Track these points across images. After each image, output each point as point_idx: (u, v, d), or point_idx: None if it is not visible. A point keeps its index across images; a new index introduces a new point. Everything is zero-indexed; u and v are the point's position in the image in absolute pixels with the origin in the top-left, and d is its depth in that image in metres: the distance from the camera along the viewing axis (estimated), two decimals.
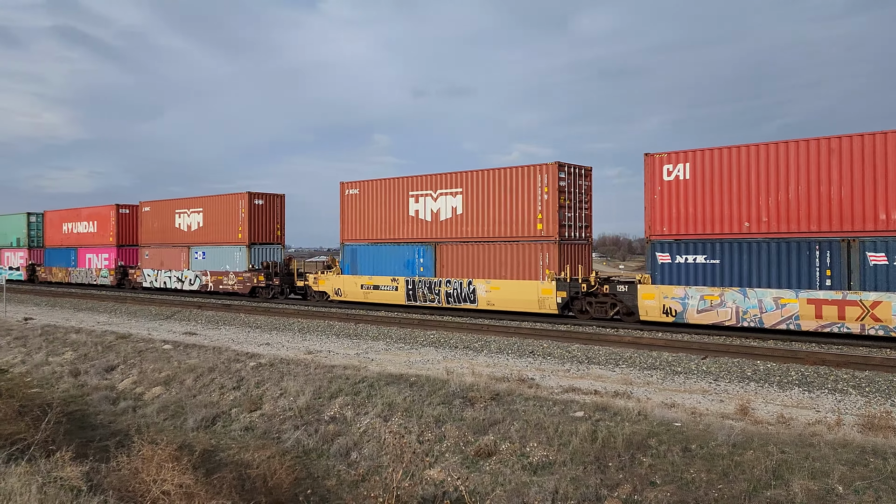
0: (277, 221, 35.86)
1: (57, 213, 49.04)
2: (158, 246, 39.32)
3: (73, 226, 46.92)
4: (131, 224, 43.08)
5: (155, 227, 39.68)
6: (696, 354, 16.33)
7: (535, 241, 23.24)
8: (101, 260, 43.88)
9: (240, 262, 34.57)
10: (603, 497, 8.52)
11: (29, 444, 9.24)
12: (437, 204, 26.26)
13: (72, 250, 46.81)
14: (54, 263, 48.56)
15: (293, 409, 12.92)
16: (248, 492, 9.18)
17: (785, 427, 10.03)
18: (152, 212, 39.97)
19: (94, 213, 45.14)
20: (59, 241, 48.36)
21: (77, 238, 46.30)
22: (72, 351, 19.51)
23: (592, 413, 10.79)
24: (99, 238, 44.08)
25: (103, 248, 43.59)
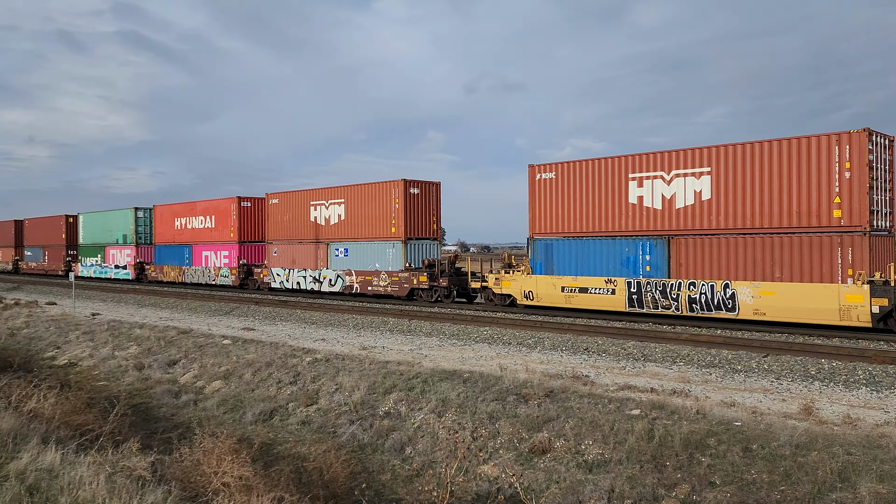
0: (433, 213, 31.11)
1: (168, 207, 45.68)
2: (288, 242, 35.41)
3: (186, 221, 43.35)
4: (255, 218, 39.68)
5: (284, 221, 35.58)
6: (757, 352, 15.92)
7: (828, 233, 18.29)
8: (220, 258, 40.25)
9: (394, 259, 29.80)
10: (660, 497, 8.38)
11: (97, 434, 9.58)
12: (671, 188, 21.42)
13: (185, 247, 43.32)
14: (166, 262, 45.22)
15: (348, 403, 13.08)
16: (305, 485, 9.33)
17: (851, 428, 9.70)
18: (281, 204, 35.89)
19: (211, 207, 41.51)
20: (170, 238, 45.05)
21: (192, 234, 42.89)
22: (136, 345, 20.16)
23: (649, 411, 10.62)
24: (218, 234, 40.61)
25: (223, 244, 40.08)
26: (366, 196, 31.32)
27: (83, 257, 54.63)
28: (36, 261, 61.48)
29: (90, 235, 54.09)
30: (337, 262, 32.66)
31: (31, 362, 18.70)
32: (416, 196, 30.05)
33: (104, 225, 51.94)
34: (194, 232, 42.75)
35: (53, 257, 58.53)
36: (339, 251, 32.66)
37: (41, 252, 60.59)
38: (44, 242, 60.42)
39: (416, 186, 29.97)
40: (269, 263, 36.81)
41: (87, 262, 54.12)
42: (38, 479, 6.92)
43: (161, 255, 45.87)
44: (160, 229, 46.21)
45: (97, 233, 53.00)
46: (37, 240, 61.94)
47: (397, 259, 29.74)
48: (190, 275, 42.44)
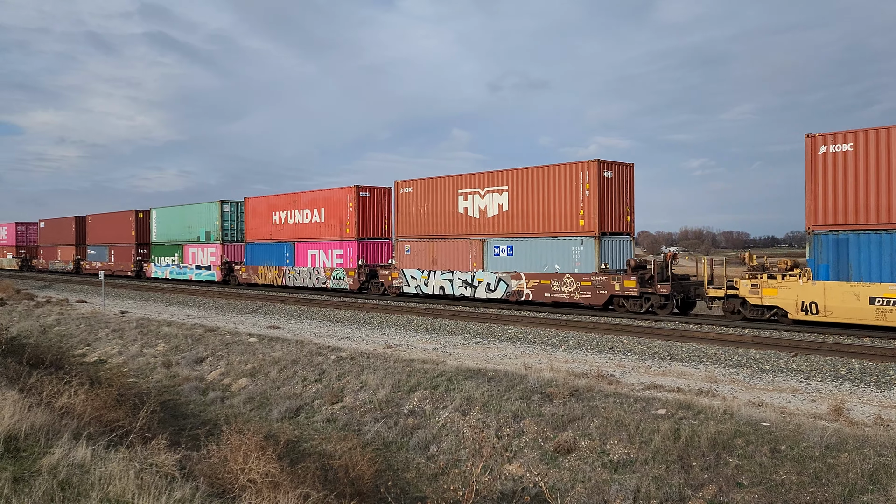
0: (627, 203, 25.17)
1: (263, 200, 40.05)
2: (427, 238, 29.59)
3: (287, 215, 37.74)
4: (376, 211, 34.45)
5: (421, 214, 29.81)
6: (786, 352, 15.71)
7: None
8: (331, 258, 34.75)
9: (582, 259, 24.00)
10: (687, 497, 8.30)
11: (127, 431, 9.72)
12: None
13: (286, 245, 37.77)
14: (260, 262, 39.60)
15: (373, 401, 13.13)
16: (331, 482, 9.39)
17: (883, 429, 9.53)
18: (417, 193, 30.03)
19: (320, 199, 35.84)
20: (266, 235, 39.50)
21: (294, 230, 37.32)
22: (164, 343, 20.42)
23: (675, 411, 10.53)
24: (328, 229, 35.04)
25: (336, 242, 34.56)
26: (540, 182, 25.27)
27: (156, 256, 49.55)
28: (101, 260, 56.73)
29: (165, 232, 48.96)
30: (497, 263, 26.86)
31: (62, 359, 19.03)
32: (609, 181, 24.09)
33: (183, 220, 46.65)
34: (297, 227, 37.08)
35: (121, 256, 53.93)
36: (500, 249, 26.80)
37: (106, 251, 56.03)
38: (109, 240, 55.66)
39: (609, 169, 24.08)
40: (400, 264, 30.88)
41: (162, 261, 49.05)
42: (69, 475, 7.04)
43: (254, 255, 40.22)
44: (253, 224, 40.48)
45: (174, 229, 47.77)
46: (101, 238, 57.17)
47: (587, 259, 23.88)
48: (292, 277, 36.92)
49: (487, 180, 27.12)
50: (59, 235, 64.82)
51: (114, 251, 55.19)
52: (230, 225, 43.11)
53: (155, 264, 49.62)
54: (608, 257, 24.11)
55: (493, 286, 26.87)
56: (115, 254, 55.03)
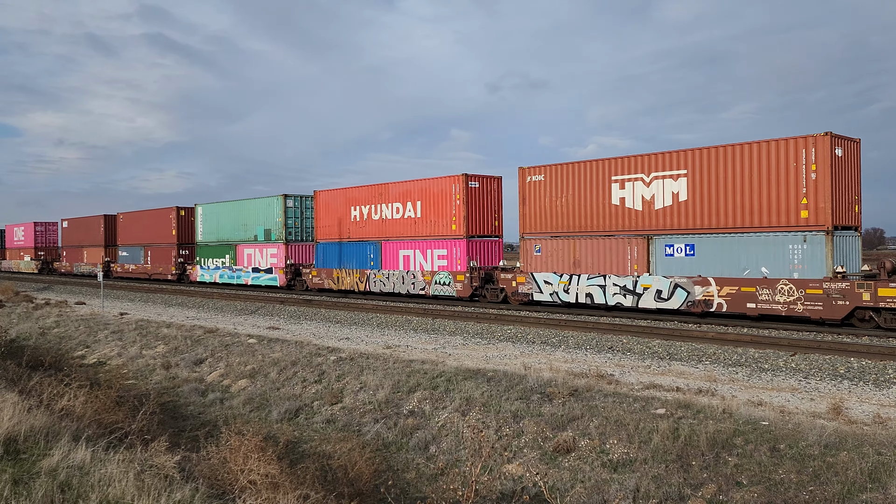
0: (854, 188, 20.01)
1: (339, 193, 34.53)
2: (565, 236, 24.42)
3: (370, 210, 32.64)
4: (485, 204, 29.15)
5: (557, 207, 24.69)
6: (785, 351, 15.72)
7: None
8: (431, 259, 29.45)
9: (806, 261, 18.86)
10: (686, 496, 8.31)
11: (126, 432, 9.73)
12: None
13: (369, 245, 32.47)
14: (336, 264, 34.24)
15: (373, 402, 13.14)
16: (331, 483, 9.39)
17: (882, 428, 9.54)
18: (551, 182, 24.85)
19: (417, 190, 30.26)
20: (343, 233, 34.18)
21: (380, 227, 32.04)
22: (163, 344, 20.42)
23: (674, 410, 10.54)
24: (427, 226, 29.76)
25: (438, 240, 29.25)
26: (738, 163, 20.15)
27: (203, 258, 44.40)
28: (135, 262, 51.96)
29: (213, 231, 43.69)
30: (671, 266, 21.69)
31: (61, 361, 19.03)
32: (840, 161, 19.08)
33: (235, 218, 41.55)
34: (385, 224, 31.83)
35: (160, 258, 48.86)
36: (674, 249, 21.70)
37: (141, 252, 51.03)
38: (145, 240, 50.62)
39: (839, 145, 19.07)
40: (527, 266, 25.64)
41: (209, 263, 43.74)
42: (69, 477, 7.05)
43: (327, 256, 34.78)
44: (325, 221, 35.00)
45: (224, 228, 42.52)
46: (135, 237, 52.14)
47: (814, 261, 18.70)
48: (378, 282, 31.75)
49: (655, 163, 22.08)
50: (85, 235, 59.82)
51: (150, 252, 50.14)
52: (295, 221, 37.75)
53: (201, 267, 44.33)
54: (845, 259, 19.34)
55: (665, 294, 21.62)
56: (151, 255, 50.00)
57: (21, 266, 71.40)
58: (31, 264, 69.27)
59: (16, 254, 74.13)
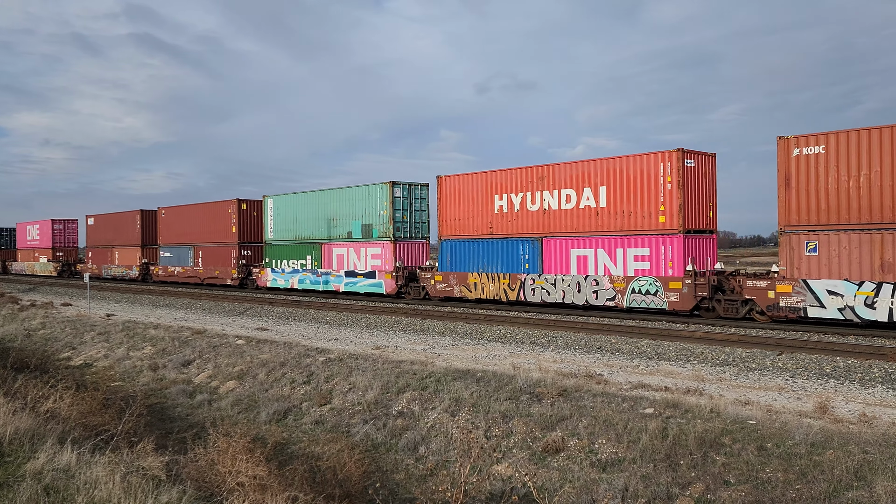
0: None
1: (478, 177, 27.34)
2: (862, 229, 18.14)
3: (526, 198, 25.61)
4: (699, 188, 22.45)
5: (843, 189, 18.37)
6: (772, 350, 15.82)
7: None
8: (623, 261, 22.85)
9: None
10: (675, 496, 8.34)
11: (113, 434, 9.67)
12: None
13: (523, 243, 25.59)
14: (471, 266, 27.44)
15: (362, 403, 13.12)
16: (319, 484, 9.37)
17: (867, 426, 9.62)
18: (838, 154, 18.48)
19: (596, 172, 23.71)
20: (482, 227, 27.17)
21: (540, 220, 25.17)
22: (151, 346, 20.30)
23: (663, 410, 10.58)
24: (616, 218, 23.06)
25: (632, 236, 22.70)
26: None
27: (274, 259, 37.94)
28: (181, 264, 45.07)
29: (288, 227, 37.22)
30: None
31: (47, 363, 18.88)
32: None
33: (321, 211, 35.14)
34: (549, 216, 24.97)
35: (215, 259, 41.94)
36: None
37: (189, 253, 44.21)
38: (194, 239, 43.95)
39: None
40: (795, 270, 19.29)
41: (283, 265, 37.27)
42: (54, 480, 6.99)
43: (457, 256, 27.97)
44: (454, 214, 28.21)
45: (305, 223, 36.09)
46: (181, 235, 45.33)
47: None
48: (539, 290, 24.99)
49: None
50: (116, 234, 52.89)
51: (202, 253, 43.12)
52: (405, 215, 31.50)
53: (273, 270, 37.78)
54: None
55: None
56: (203, 256, 42.98)
57: (36, 268, 64.10)
58: (48, 266, 62.07)
59: (29, 255, 66.81)
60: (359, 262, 32.62)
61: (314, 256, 35.30)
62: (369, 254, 32.22)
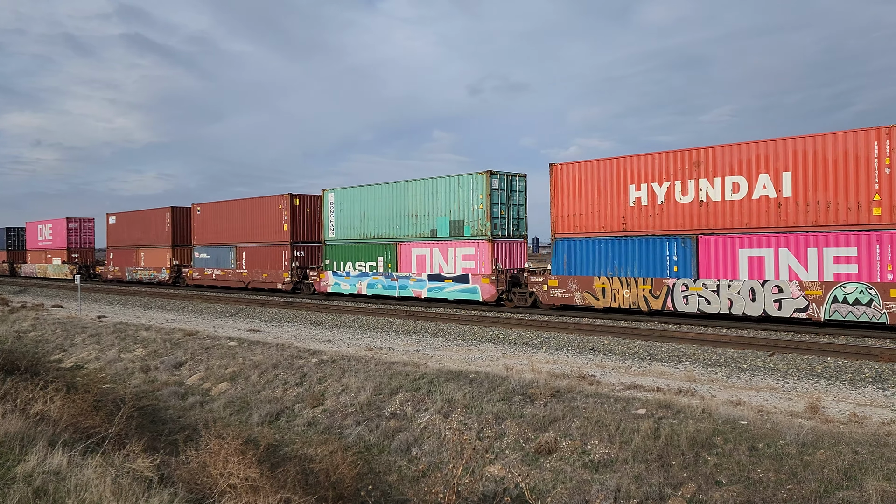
0: None
1: (606, 164, 23.00)
2: None
3: (674, 188, 21.33)
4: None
5: None
6: (763, 351, 15.88)
7: None
8: (815, 263, 18.63)
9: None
10: (667, 496, 8.37)
11: (103, 437, 9.61)
12: None
13: (670, 241, 21.32)
14: (596, 269, 23.01)
15: (354, 404, 13.10)
16: (312, 486, 9.34)
17: (858, 426, 9.67)
18: None
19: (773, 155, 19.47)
20: (612, 223, 22.75)
21: (695, 214, 20.88)
22: (142, 347, 20.22)
23: (655, 410, 10.61)
24: (805, 211, 18.88)
25: (831, 233, 18.49)
26: None
27: (336, 261, 33.27)
28: (221, 266, 40.81)
29: (354, 224, 32.56)
30: None
31: (37, 365, 18.77)
32: None
33: (395, 206, 30.57)
34: (708, 209, 20.64)
35: (262, 261, 37.63)
36: None
37: (231, 253, 39.94)
38: (236, 238, 39.75)
39: None
40: None
41: (347, 268, 32.64)
42: (45, 482, 6.95)
43: (576, 257, 23.52)
44: (573, 208, 23.69)
45: (375, 220, 31.50)
46: (221, 235, 41.02)
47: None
48: (695, 297, 20.55)
49: None
50: (142, 234, 48.51)
51: (246, 254, 39.00)
52: (501, 210, 27.24)
53: (335, 273, 33.20)
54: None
55: None
56: (248, 258, 38.84)
57: (49, 271, 58.78)
58: (63, 269, 56.70)
59: (40, 256, 61.77)
60: (445, 264, 28.32)
61: (387, 258, 30.83)
62: (459, 254, 27.82)
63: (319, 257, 35.82)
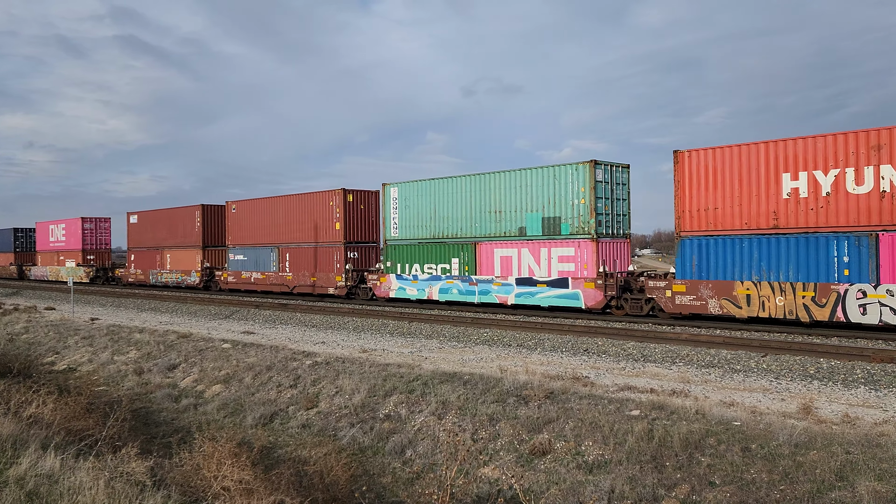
0: None
1: (750, 148, 19.63)
2: None
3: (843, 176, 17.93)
4: None
5: None
6: (757, 352, 15.93)
7: None
8: None
9: None
10: (660, 497, 8.38)
11: (97, 439, 9.59)
12: None
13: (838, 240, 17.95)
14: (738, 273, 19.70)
15: (349, 406, 13.09)
16: (306, 488, 9.33)
17: (850, 427, 9.71)
18: None
19: None
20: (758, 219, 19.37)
21: (874, 206, 17.48)
22: (135, 350, 20.15)
23: (649, 411, 10.63)
24: None
25: None
26: None
27: (399, 262, 29.82)
28: (260, 269, 37.12)
29: (423, 223, 29.07)
30: None
31: (30, 367, 18.69)
32: None
33: (478, 200, 26.94)
34: (888, 202, 17.36)
35: (308, 263, 34.15)
36: None
37: (273, 255, 36.42)
38: (278, 238, 36.22)
39: None
40: None
41: (414, 270, 29.25)
42: (37, 485, 6.93)
43: (710, 258, 20.41)
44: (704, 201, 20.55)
45: (450, 217, 27.97)
46: (258, 234, 37.56)
47: None
48: (873, 306, 17.41)
49: None
50: (169, 233, 44.78)
51: (289, 255, 35.49)
52: (604, 206, 23.97)
53: (399, 276, 29.77)
54: None
55: None
56: (291, 259, 35.34)
57: (62, 273, 54.83)
58: (78, 272, 52.17)
59: (52, 258, 57.66)
60: (537, 266, 24.97)
61: (463, 259, 27.24)
62: (555, 256, 24.50)
63: (375, 259, 33.03)
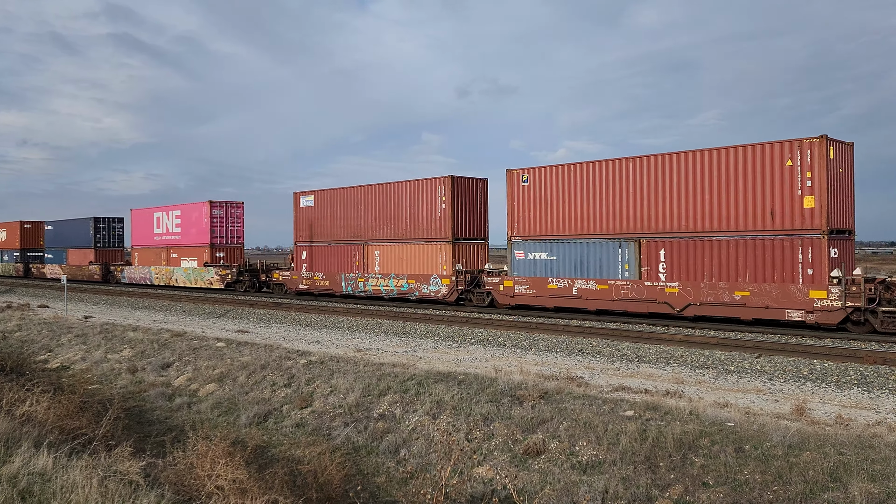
0: None
1: None
2: None
3: None
4: None
5: None
6: (750, 353, 15.97)
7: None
8: None
9: None
10: (654, 497, 8.40)
11: (90, 438, 9.55)
12: None
13: None
14: None
15: (343, 406, 13.07)
16: (300, 487, 9.32)
17: (843, 428, 9.74)
18: None
19: None
20: None
21: None
22: (129, 348, 20.09)
23: (643, 412, 10.65)
24: None
25: None
26: None
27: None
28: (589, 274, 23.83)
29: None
30: None
31: (23, 365, 18.60)
32: None
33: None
34: None
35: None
36: None
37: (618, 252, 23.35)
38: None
39: None
40: None
41: None
42: (30, 484, 6.90)
43: None
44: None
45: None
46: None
47: None
48: None
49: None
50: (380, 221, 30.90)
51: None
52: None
53: None
54: None
55: None
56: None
57: (178, 277, 43.04)
58: (205, 274, 40.55)
59: (154, 255, 45.95)
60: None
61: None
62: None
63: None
